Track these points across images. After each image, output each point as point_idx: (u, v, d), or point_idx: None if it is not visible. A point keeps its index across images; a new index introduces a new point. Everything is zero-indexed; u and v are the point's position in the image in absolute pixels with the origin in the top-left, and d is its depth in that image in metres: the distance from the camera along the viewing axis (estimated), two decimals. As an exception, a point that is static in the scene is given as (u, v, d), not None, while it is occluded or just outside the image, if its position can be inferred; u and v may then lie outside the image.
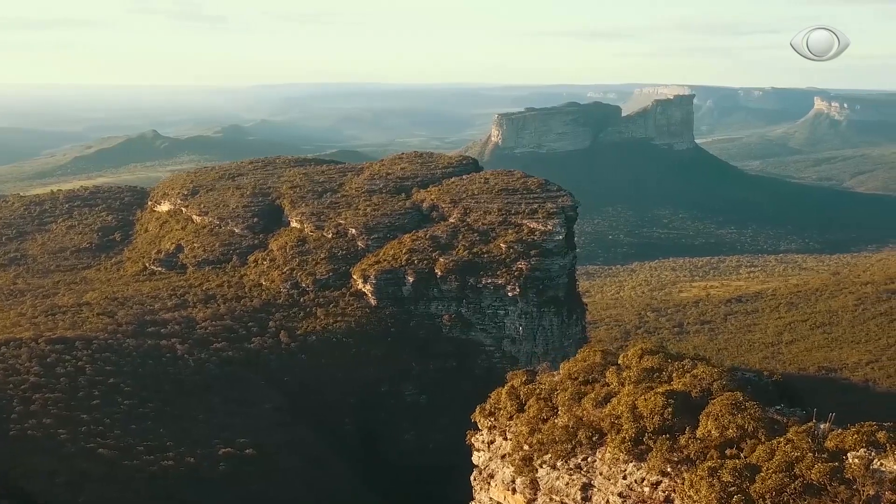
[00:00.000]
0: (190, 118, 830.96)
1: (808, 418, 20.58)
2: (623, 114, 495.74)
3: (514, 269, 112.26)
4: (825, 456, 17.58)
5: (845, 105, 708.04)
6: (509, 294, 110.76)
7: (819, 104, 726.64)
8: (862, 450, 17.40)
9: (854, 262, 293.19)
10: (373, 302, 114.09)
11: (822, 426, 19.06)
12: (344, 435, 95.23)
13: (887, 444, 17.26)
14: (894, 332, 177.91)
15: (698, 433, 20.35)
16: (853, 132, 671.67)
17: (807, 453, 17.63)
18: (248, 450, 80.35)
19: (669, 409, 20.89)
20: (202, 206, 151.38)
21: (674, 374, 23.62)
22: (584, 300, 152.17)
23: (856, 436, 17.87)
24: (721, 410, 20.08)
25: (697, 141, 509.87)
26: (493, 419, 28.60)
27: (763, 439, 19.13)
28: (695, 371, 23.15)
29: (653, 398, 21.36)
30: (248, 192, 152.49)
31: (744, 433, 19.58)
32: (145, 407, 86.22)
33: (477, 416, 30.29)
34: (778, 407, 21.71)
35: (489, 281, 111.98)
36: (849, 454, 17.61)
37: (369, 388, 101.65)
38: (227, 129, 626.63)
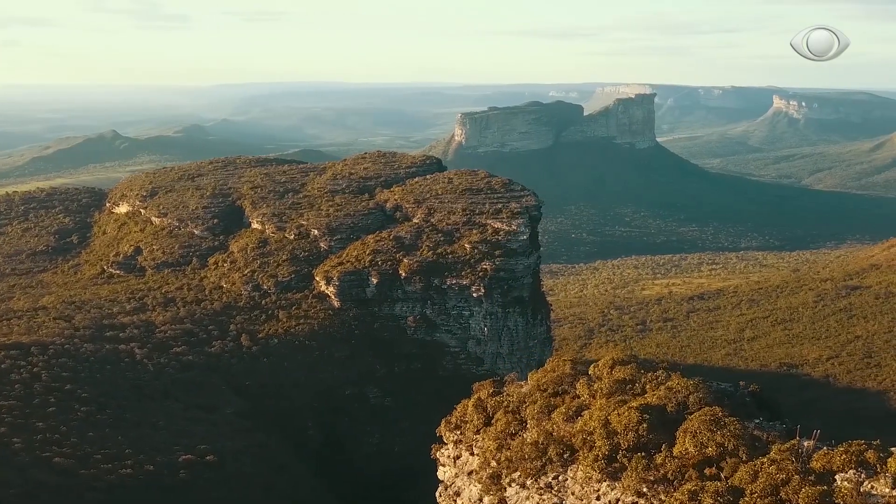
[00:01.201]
0: (150, 118, 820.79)
1: (790, 433, 19.84)
2: (585, 113, 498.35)
3: (478, 269, 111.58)
4: (812, 478, 16.73)
5: (803, 103, 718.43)
6: (474, 295, 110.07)
7: (778, 103, 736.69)
8: (851, 471, 16.58)
9: (813, 258, 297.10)
10: (336, 304, 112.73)
11: (805, 443, 18.27)
12: (307, 439, 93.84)
13: (877, 465, 16.47)
14: (853, 328, 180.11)
15: (675, 451, 19.41)
16: (811, 130, 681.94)
17: (793, 475, 16.78)
18: (208, 456, 78.70)
19: (644, 425, 19.94)
20: (161, 207, 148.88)
21: (647, 386, 22.67)
22: (548, 299, 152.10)
23: (844, 456, 17.04)
24: (699, 427, 19.17)
25: (658, 139, 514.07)
26: (459, 433, 27.55)
27: (744, 458, 18.29)
28: (669, 383, 22.19)
29: (626, 413, 20.37)
30: (207, 193, 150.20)
31: (724, 451, 18.68)
32: (103, 414, 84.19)
33: (442, 430, 29.19)
34: (757, 421, 20.91)
35: (454, 282, 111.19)
36: (837, 476, 16.78)
37: (333, 392, 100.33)
38: (188, 128, 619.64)
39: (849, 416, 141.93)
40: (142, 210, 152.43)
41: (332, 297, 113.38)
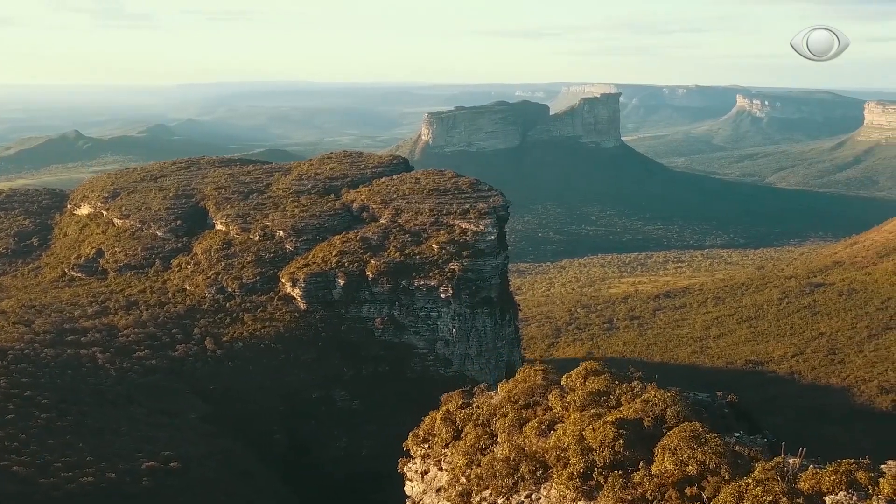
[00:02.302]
0: (114, 118, 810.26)
1: (772, 448, 19.19)
2: (551, 112, 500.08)
3: (446, 270, 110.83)
4: (801, 501, 16.06)
5: (766, 102, 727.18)
6: (442, 296, 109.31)
7: (741, 102, 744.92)
8: (842, 493, 15.92)
9: (777, 255, 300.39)
10: (302, 306, 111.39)
11: (791, 461, 17.62)
12: (273, 444, 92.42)
13: (869, 487, 15.84)
14: (818, 324, 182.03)
15: (654, 469, 18.62)
16: (774, 129, 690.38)
17: (780, 497, 16.11)
18: (172, 463, 77.17)
19: (621, 441, 19.14)
20: (123, 208, 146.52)
21: (622, 398, 21.89)
22: (516, 298, 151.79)
23: (833, 476, 16.35)
24: (679, 444, 18.39)
25: (624, 139, 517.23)
26: (426, 447, 26.62)
27: (727, 476, 17.59)
28: (645, 395, 21.37)
29: (602, 428, 19.54)
30: (170, 194, 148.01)
31: (705, 469, 17.96)
32: (64, 420, 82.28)
33: (409, 443, 28.25)
34: (737, 434, 20.26)
35: (421, 283, 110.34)
36: (827, 498, 16.11)
37: (299, 395, 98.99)
38: (152, 128, 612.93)
39: (814, 413, 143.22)
40: (104, 212, 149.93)
41: (298, 299, 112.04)
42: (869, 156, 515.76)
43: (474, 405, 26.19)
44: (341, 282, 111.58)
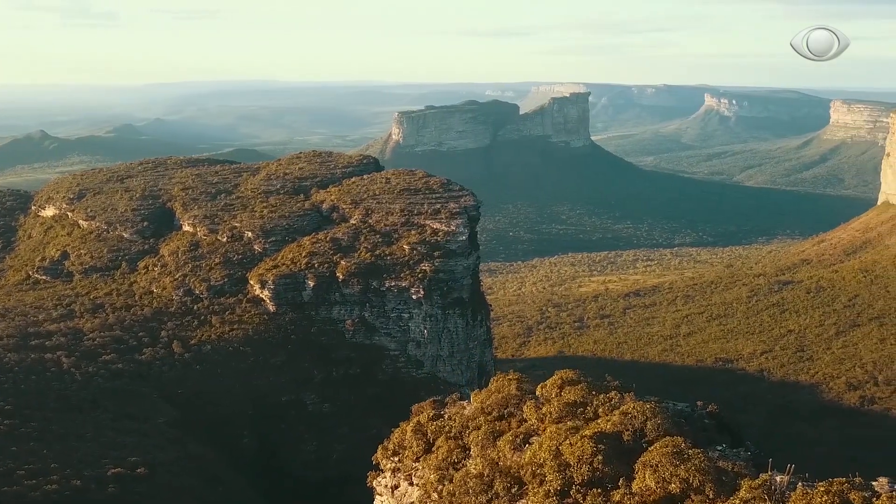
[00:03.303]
0: (81, 118, 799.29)
1: (756, 462, 18.57)
2: (521, 112, 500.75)
3: (417, 271, 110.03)
4: (791, 524, 15.45)
5: (734, 101, 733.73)
6: (413, 297, 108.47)
7: (709, 101, 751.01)
8: (835, 515, 15.33)
9: (746, 254, 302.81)
10: (271, 308, 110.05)
11: (778, 479, 17.00)
12: (242, 448, 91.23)
13: (864, 508, 15.24)
14: (786, 322, 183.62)
15: (635, 487, 17.88)
16: (742, 128, 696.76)
17: (770, 520, 15.53)
18: (139, 469, 75.70)
19: (599, 457, 18.40)
20: (89, 210, 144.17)
21: (599, 410, 21.17)
22: (487, 297, 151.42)
23: (825, 496, 15.68)
24: (661, 460, 17.65)
25: (593, 138, 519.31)
26: (396, 460, 25.75)
27: (711, 495, 16.93)
28: (624, 407, 20.62)
29: (580, 443, 18.74)
30: (137, 195, 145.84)
31: (688, 487, 17.27)
32: (27, 426, 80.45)
33: (379, 457, 27.30)
34: (720, 448, 19.62)
35: (393, 284, 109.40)
36: (819, 521, 15.52)
37: (268, 399, 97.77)
38: (120, 128, 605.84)
39: (783, 410, 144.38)
40: (69, 213, 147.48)
41: (267, 301, 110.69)
42: (835, 154, 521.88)
43: (446, 416, 25.32)
44: (311, 283, 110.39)
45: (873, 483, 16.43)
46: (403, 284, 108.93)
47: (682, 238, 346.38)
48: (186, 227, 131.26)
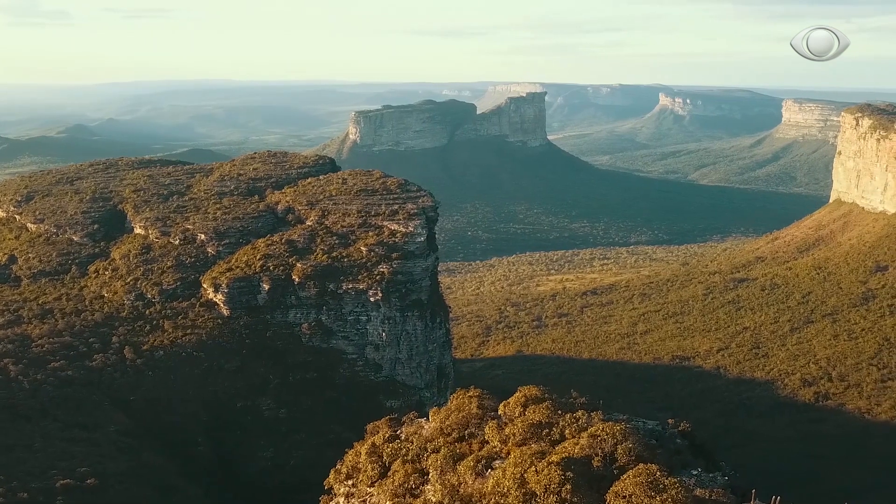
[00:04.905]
0: (32, 118, 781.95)
1: (734, 486, 17.77)
2: (478, 111, 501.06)
3: (375, 272, 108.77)
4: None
5: (688, 101, 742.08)
6: (371, 299, 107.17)
7: (664, 100, 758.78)
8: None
9: (701, 251, 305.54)
10: (225, 312, 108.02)
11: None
12: (197, 456, 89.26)
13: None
14: (742, 319, 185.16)
15: (607, 519, 16.94)
16: (696, 127, 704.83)
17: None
18: (89, 480, 73.62)
19: (568, 486, 17.27)
20: (37, 213, 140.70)
21: (566, 431, 20.06)
22: (446, 296, 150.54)
23: None
24: (634, 490, 16.52)
25: (550, 137, 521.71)
26: (350, 484, 24.42)
27: (690, 530, 16.04)
28: (592, 429, 19.51)
29: (546, 471, 17.51)
30: (87, 197, 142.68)
31: (665, 521, 16.36)
32: (-29, 437, 78.10)
33: (331, 480, 25.90)
34: (695, 472, 18.76)
35: (350, 286, 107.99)
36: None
37: (223, 405, 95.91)
38: (72, 128, 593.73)
39: (740, 406, 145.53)
40: (16, 216, 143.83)
41: (221, 305, 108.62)
42: (787, 153, 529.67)
43: (403, 437, 24.02)
44: (266, 286, 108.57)
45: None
46: (361, 287, 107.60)
47: (638, 236, 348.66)
48: (138, 230, 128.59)
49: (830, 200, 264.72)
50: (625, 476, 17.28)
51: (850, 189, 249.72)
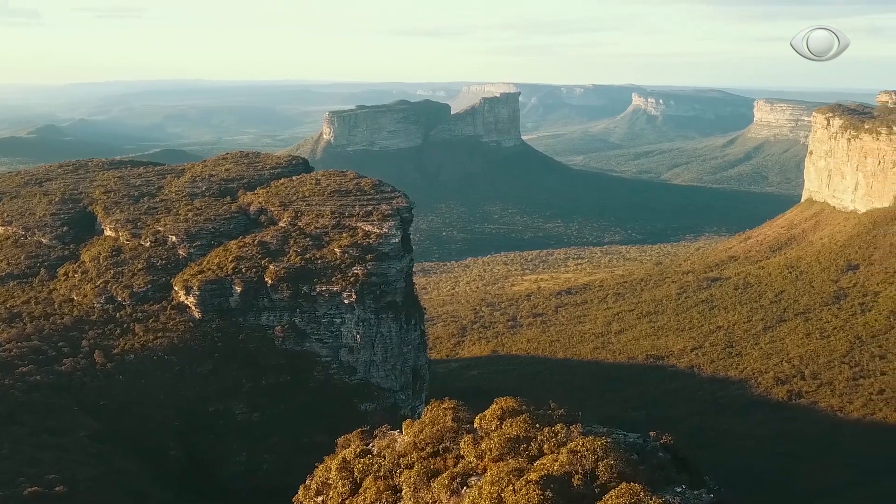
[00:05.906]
0: (1, 118, 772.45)
1: (720, 502, 17.24)
2: (452, 112, 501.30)
3: (349, 274, 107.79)
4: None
5: (661, 101, 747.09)
6: (345, 301, 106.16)
7: (637, 100, 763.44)
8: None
9: (674, 251, 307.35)
10: (197, 315, 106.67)
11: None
12: (169, 461, 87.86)
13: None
14: (715, 318, 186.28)
15: (590, 545, 16.31)
16: (668, 127, 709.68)
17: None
18: (58, 487, 72.15)
19: None
20: (5, 215, 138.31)
21: (544, 446, 19.36)
22: (421, 297, 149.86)
23: None
24: None
25: (524, 137, 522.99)
26: (320, 501, 23.66)
27: (677, 555, 15.50)
28: (572, 445, 18.80)
29: (524, 491, 16.78)
30: (56, 199, 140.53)
31: (650, 545, 15.78)
32: (-64, 444, 76.43)
33: (301, 497, 25.10)
34: (679, 489, 18.20)
35: (324, 288, 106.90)
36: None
37: (195, 409, 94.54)
38: (42, 129, 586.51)
39: (714, 405, 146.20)
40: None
41: (193, 307, 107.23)
42: (759, 152, 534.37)
43: (375, 451, 23.24)
44: (238, 289, 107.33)
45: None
46: (335, 289, 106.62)
47: (612, 236, 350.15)
48: (108, 232, 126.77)
49: (802, 200, 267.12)
50: (607, 497, 16.71)
51: (822, 188, 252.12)
